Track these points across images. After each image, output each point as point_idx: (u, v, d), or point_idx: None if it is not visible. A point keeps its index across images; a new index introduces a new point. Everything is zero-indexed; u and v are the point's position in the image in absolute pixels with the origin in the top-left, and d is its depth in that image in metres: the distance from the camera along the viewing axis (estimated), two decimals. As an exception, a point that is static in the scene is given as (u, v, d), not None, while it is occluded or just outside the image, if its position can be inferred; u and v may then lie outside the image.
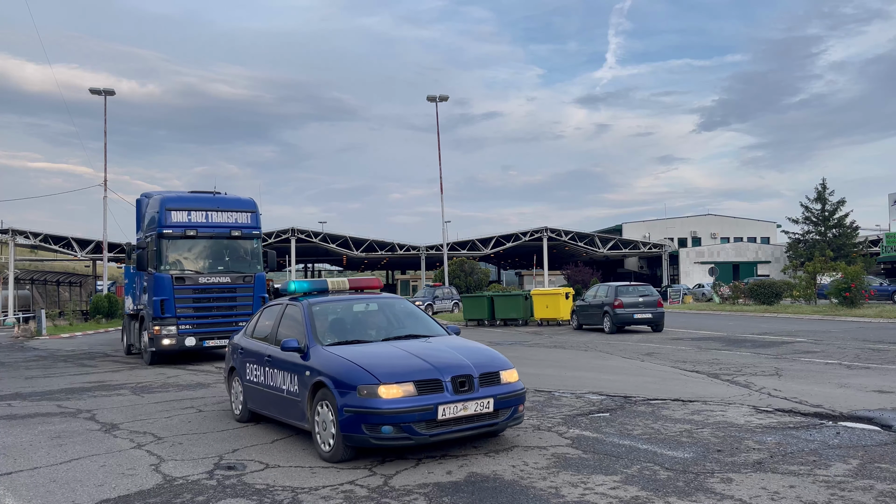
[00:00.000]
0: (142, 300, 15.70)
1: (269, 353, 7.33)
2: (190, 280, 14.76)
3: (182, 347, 14.65)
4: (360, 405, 5.75)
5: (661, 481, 5.24)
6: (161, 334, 14.46)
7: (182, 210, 14.94)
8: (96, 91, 36.76)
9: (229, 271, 15.24)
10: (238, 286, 15.27)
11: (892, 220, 59.45)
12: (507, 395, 6.22)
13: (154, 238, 14.80)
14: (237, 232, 15.42)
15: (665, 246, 61.27)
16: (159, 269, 14.63)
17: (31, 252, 57.06)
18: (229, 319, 15.01)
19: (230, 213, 15.46)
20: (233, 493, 5.23)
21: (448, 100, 40.08)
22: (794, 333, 19.39)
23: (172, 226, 14.79)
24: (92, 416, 8.73)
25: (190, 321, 14.72)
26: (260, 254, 15.89)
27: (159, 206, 14.86)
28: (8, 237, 42.60)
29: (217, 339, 14.87)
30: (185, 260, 14.99)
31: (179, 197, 15.42)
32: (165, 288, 14.51)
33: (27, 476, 5.89)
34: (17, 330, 28.36)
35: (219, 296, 15.10)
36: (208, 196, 15.80)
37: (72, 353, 18.70)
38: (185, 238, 14.92)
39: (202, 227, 15.05)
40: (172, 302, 14.53)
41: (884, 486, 5.01)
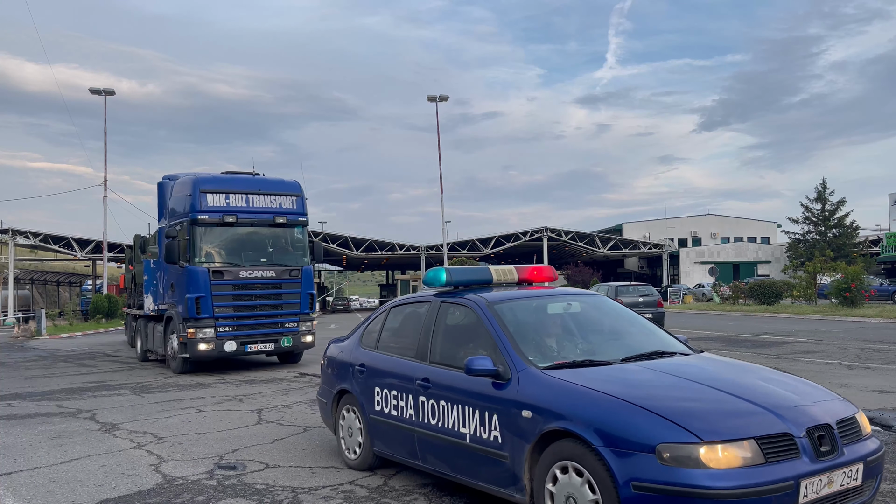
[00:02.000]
0: (167, 298, 13.64)
1: (423, 374, 4.98)
2: (229, 274, 12.66)
3: (221, 353, 12.69)
4: (665, 480, 3.39)
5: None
6: (196, 338, 12.44)
7: (219, 192, 12.76)
8: (96, 91, 36.79)
9: (273, 264, 13.16)
10: (284, 281, 13.20)
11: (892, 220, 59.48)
12: (875, 457, 3.91)
13: (186, 226, 12.68)
14: (282, 218, 13.25)
15: (665, 246, 61.27)
16: (193, 262, 12.55)
17: (30, 252, 57.06)
18: (274, 320, 13.16)
19: (274, 196, 13.30)
20: (233, 493, 5.23)
21: (448, 100, 40.13)
22: (795, 333, 19.40)
23: (208, 211, 12.63)
24: (92, 416, 8.73)
25: (229, 322, 12.69)
26: (307, 244, 13.77)
27: (192, 188, 12.68)
28: (8, 237, 42.60)
29: (261, 344, 12.98)
30: (223, 251, 12.92)
31: (215, 178, 13.19)
32: (201, 283, 12.44)
33: (27, 476, 5.89)
34: (16, 330, 28.36)
35: (262, 292, 13.00)
36: (248, 177, 13.66)
37: (72, 353, 18.70)
38: (222, 225, 12.80)
39: (242, 213, 12.90)
40: (209, 300, 12.46)
41: (884, 486, 5.01)
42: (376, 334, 5.89)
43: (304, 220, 13.71)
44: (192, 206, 12.61)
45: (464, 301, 5.08)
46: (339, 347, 6.34)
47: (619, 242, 58.87)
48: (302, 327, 13.40)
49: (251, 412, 8.71)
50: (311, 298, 13.47)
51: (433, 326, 5.20)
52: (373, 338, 5.91)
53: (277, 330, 13.09)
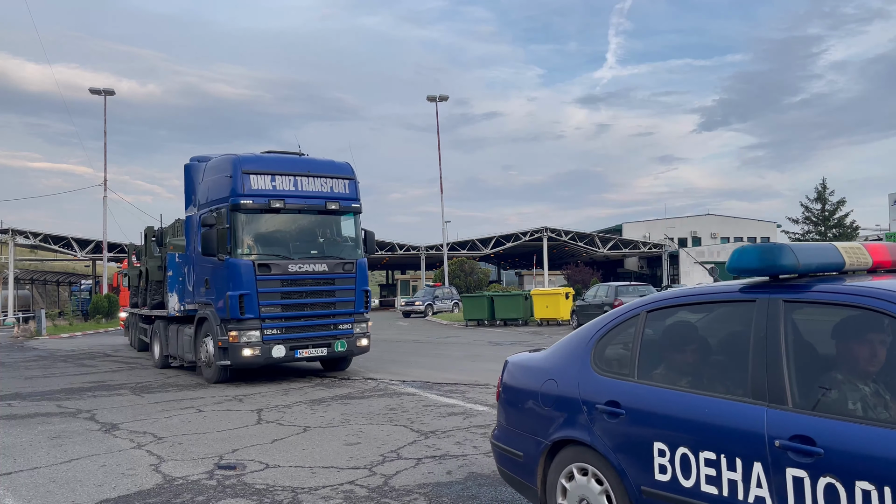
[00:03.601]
0: (199, 297, 11.96)
1: (791, 431, 2.78)
2: (276, 268, 11.06)
3: (268, 360, 11.03)
4: None
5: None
6: (239, 342, 10.79)
7: (265, 174, 11.17)
8: (96, 91, 36.81)
9: (325, 257, 11.60)
10: (337, 276, 11.57)
11: (892, 220, 59.48)
12: None
13: (225, 212, 11.03)
14: (334, 204, 11.68)
15: (665, 246, 61.29)
16: (234, 254, 10.93)
17: (30, 252, 57.03)
18: (326, 321, 11.58)
19: (324, 179, 11.70)
20: (233, 493, 5.23)
21: (448, 100, 40.14)
22: (794, 333, 19.36)
23: (252, 195, 11.01)
24: (92, 416, 8.73)
25: (277, 324, 11.10)
26: (360, 234, 12.22)
27: (232, 168, 11.06)
28: (8, 237, 42.57)
29: (312, 348, 11.39)
30: (268, 241, 11.37)
31: (259, 157, 11.62)
32: (245, 279, 10.79)
33: (27, 476, 5.89)
34: (16, 330, 28.37)
35: (314, 289, 11.38)
36: (294, 157, 12.08)
37: (72, 353, 18.70)
38: (268, 212, 11.22)
39: (290, 198, 11.30)
40: (255, 298, 10.84)
41: (884, 486, 5.00)
42: (628, 353, 3.73)
43: (358, 206, 12.12)
44: (234, 189, 10.98)
45: (865, 301, 2.81)
46: (538, 369, 4.22)
47: (619, 242, 58.85)
48: (357, 329, 11.88)
49: (251, 412, 8.71)
50: (366, 296, 11.93)
51: (782, 344, 3.00)
52: (620, 358, 3.79)
53: (330, 332, 11.56)
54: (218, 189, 11.47)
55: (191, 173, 12.79)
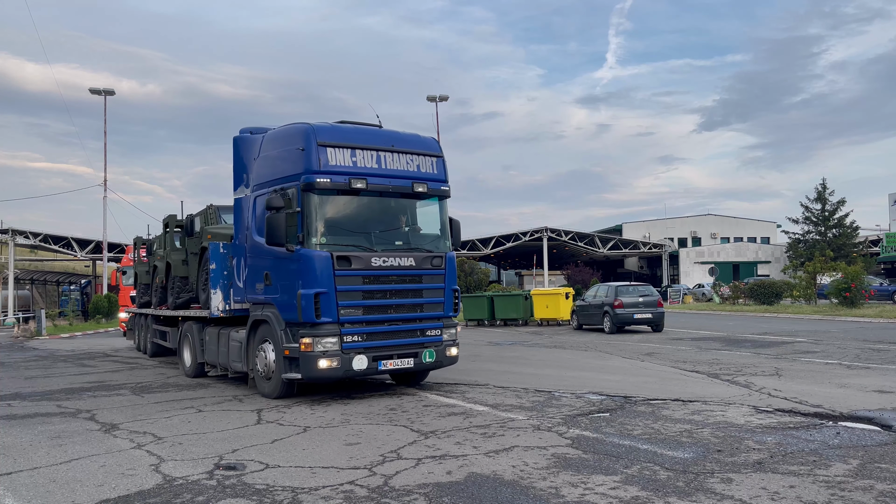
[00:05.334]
0: (253, 295, 10.15)
1: None
2: (358, 262, 9.27)
3: (348, 373, 9.18)
4: None
5: (661, 481, 5.24)
6: (314, 352, 8.96)
7: (344, 147, 9.42)
8: (96, 91, 36.83)
9: (411, 249, 9.90)
10: (425, 272, 9.86)
11: (892, 220, 59.50)
12: None
13: (295, 193, 9.27)
14: (422, 186, 9.94)
15: (665, 246, 61.28)
16: (308, 244, 9.18)
17: (30, 252, 57.07)
18: (413, 326, 9.80)
19: (411, 155, 10.00)
20: (233, 493, 5.23)
21: (448, 100, 40.13)
22: (794, 333, 19.40)
23: (331, 172, 9.25)
24: (92, 416, 8.73)
25: (358, 329, 9.30)
26: (448, 222, 10.49)
27: (305, 140, 9.32)
28: (8, 237, 42.61)
29: (397, 359, 9.58)
30: (347, 229, 9.62)
31: (336, 127, 9.72)
32: (322, 274, 9.03)
33: (27, 476, 5.89)
34: (16, 330, 28.39)
35: (399, 287, 9.64)
36: (375, 129, 10.23)
37: (72, 353, 18.70)
38: (348, 193, 9.45)
39: (373, 177, 9.54)
40: (334, 297, 9.05)
41: (884, 486, 5.02)
42: None
43: (447, 188, 10.37)
44: (307, 164, 9.22)
45: None
46: None
47: (619, 242, 58.87)
48: (445, 336, 10.13)
49: (251, 412, 8.71)
50: (455, 297, 10.27)
51: None
52: None
53: (417, 339, 9.82)
54: (285, 165, 9.67)
55: (242, 148, 10.83)
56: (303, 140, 9.34)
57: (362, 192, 9.48)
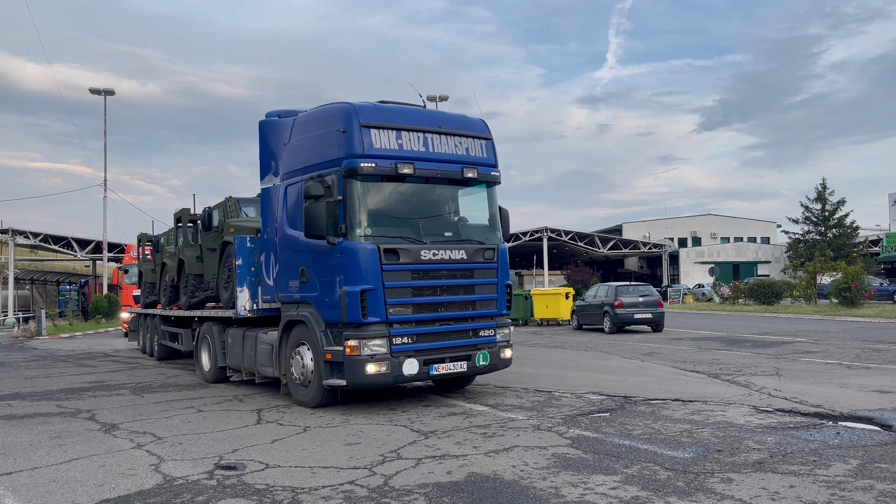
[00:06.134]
0: (286, 293, 9.35)
1: None
2: (406, 255, 8.44)
3: (397, 379, 8.38)
4: None
5: (661, 481, 5.24)
6: (361, 355, 8.14)
7: (389, 129, 8.62)
8: (96, 91, 36.82)
9: (462, 241, 9.07)
10: (477, 266, 9.02)
11: (892, 220, 59.52)
12: None
13: (336, 179, 8.44)
14: (471, 171, 9.13)
15: (665, 246, 61.29)
16: (352, 236, 8.35)
17: (30, 252, 57.06)
18: (465, 326, 8.94)
19: (459, 138, 9.22)
20: (233, 493, 5.23)
21: (448, 99, 40.11)
22: (794, 333, 19.40)
23: (376, 155, 8.43)
24: (92, 416, 8.74)
25: (408, 330, 8.46)
26: (498, 212, 9.64)
27: (345, 121, 8.50)
28: (8, 237, 42.60)
29: (450, 363, 8.71)
30: (392, 219, 8.77)
31: (379, 107, 8.90)
32: (368, 269, 8.22)
33: (27, 476, 5.89)
34: (16, 330, 28.38)
35: (450, 283, 8.78)
36: (420, 109, 9.48)
37: (72, 354, 18.70)
38: (393, 179, 8.68)
39: (421, 161, 8.74)
40: (381, 295, 8.25)
41: (884, 486, 5.02)
42: None
43: (498, 174, 9.55)
44: (349, 147, 8.40)
45: None
46: None
47: (619, 242, 58.86)
48: (499, 336, 9.29)
49: (251, 412, 8.71)
50: (508, 293, 9.46)
51: None
52: None
53: (470, 341, 8.95)
54: (322, 149, 8.84)
55: (270, 133, 9.99)
56: (343, 121, 8.52)
57: (408, 177, 8.68)
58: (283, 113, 10.04)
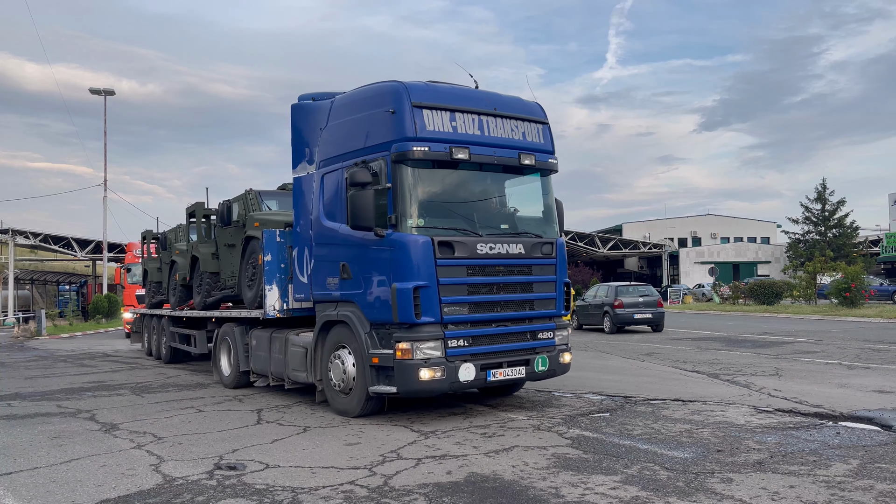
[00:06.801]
0: (323, 290, 8.60)
1: None
2: (462, 249, 7.69)
3: (453, 385, 7.55)
4: None
5: (661, 481, 5.24)
6: (413, 360, 7.36)
7: (443, 110, 7.88)
8: (96, 91, 36.83)
9: (519, 234, 8.37)
10: (535, 262, 8.27)
11: (892, 220, 59.53)
12: None
13: (385, 164, 7.70)
14: (529, 158, 8.38)
15: (665, 246, 61.28)
16: (403, 227, 7.56)
17: (30, 252, 57.06)
18: (523, 327, 8.17)
19: (516, 121, 8.46)
20: (233, 493, 5.23)
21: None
22: (794, 333, 19.40)
23: (430, 139, 7.68)
24: (92, 416, 8.74)
25: (464, 331, 7.68)
26: (554, 203, 8.92)
27: (395, 100, 7.75)
28: (8, 237, 42.59)
29: (507, 367, 7.95)
30: (446, 209, 8.04)
31: (432, 87, 8.15)
32: (422, 264, 7.45)
33: (27, 476, 5.89)
34: (16, 330, 28.39)
35: (507, 280, 8.05)
36: (474, 90, 8.57)
37: (72, 354, 18.70)
38: (446, 165, 7.91)
39: (477, 146, 7.98)
40: (436, 293, 7.48)
41: (884, 486, 5.02)
42: None
43: (555, 161, 8.85)
44: (400, 130, 7.65)
45: None
46: None
47: (619, 242, 58.85)
48: (558, 338, 8.55)
49: (251, 412, 8.71)
50: (567, 291, 8.69)
51: None
52: None
53: (529, 343, 8.21)
54: (367, 132, 8.12)
55: (303, 117, 9.28)
56: (393, 100, 7.76)
57: (462, 164, 7.94)
58: (318, 96, 9.30)
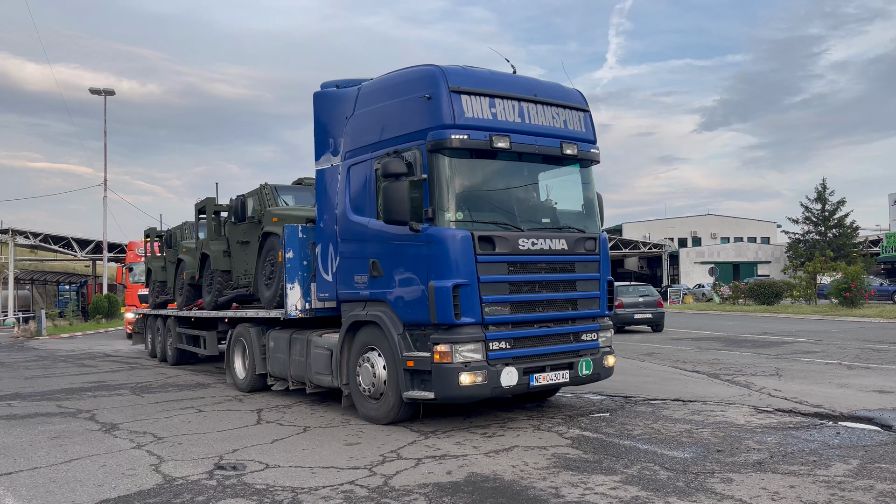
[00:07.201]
0: (351, 288, 8.13)
1: None
2: (503, 245, 7.20)
3: (495, 391, 7.08)
4: None
5: (661, 481, 5.24)
6: (453, 363, 6.87)
7: (482, 95, 7.41)
8: (96, 91, 36.83)
9: (561, 228, 7.89)
10: (578, 258, 7.78)
11: (892, 220, 59.54)
12: None
13: (420, 154, 7.21)
14: (571, 147, 7.90)
15: (665, 246, 61.28)
16: (441, 221, 7.09)
17: (30, 252, 57.04)
18: (566, 329, 7.70)
19: (557, 108, 7.97)
20: (233, 493, 5.23)
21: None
22: (794, 333, 19.40)
23: (469, 126, 7.21)
24: (92, 416, 8.73)
25: (505, 333, 7.20)
26: (595, 196, 8.46)
27: (431, 84, 7.29)
28: (8, 237, 42.58)
29: (551, 371, 7.45)
30: (485, 202, 7.60)
31: (470, 71, 7.63)
32: (461, 260, 6.97)
33: (27, 476, 5.89)
34: (17, 330, 28.39)
35: (550, 278, 7.56)
36: (512, 75, 8.10)
37: (72, 354, 18.70)
38: (487, 155, 7.44)
39: (518, 135, 7.51)
40: (477, 291, 7.01)
41: (884, 486, 5.02)
42: None
43: (598, 152, 8.36)
44: (437, 116, 7.18)
45: None
46: None
47: (619, 242, 58.84)
48: (601, 340, 8.08)
49: (251, 412, 8.71)
50: (610, 290, 8.20)
51: None
52: None
53: (572, 346, 7.74)
54: (400, 119, 7.65)
55: (327, 106, 8.80)
56: (429, 85, 7.27)
57: (501, 153, 7.45)
58: (343, 83, 8.88)
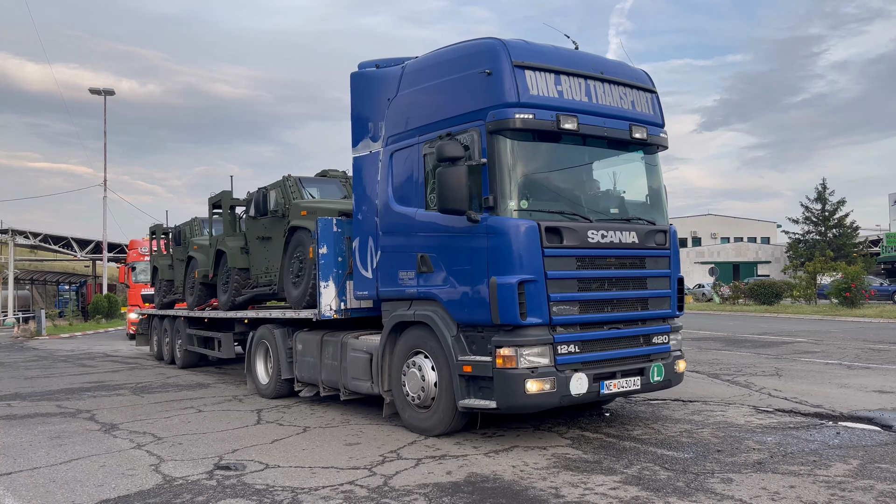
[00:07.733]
0: (395, 286, 7.41)
1: None
2: (571, 237, 6.46)
3: (563, 399, 6.33)
4: None
5: (661, 481, 5.24)
6: (518, 369, 6.14)
7: (548, 71, 6.64)
8: (96, 91, 36.82)
9: (630, 220, 7.15)
10: (648, 253, 7.05)
11: (892, 220, 59.54)
12: None
13: (478, 136, 6.44)
14: (641, 131, 7.18)
15: (665, 246, 61.25)
16: (503, 210, 6.33)
17: (30, 252, 57.02)
18: (636, 331, 6.97)
19: (624, 88, 7.27)
20: (233, 493, 5.23)
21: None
22: (795, 333, 19.40)
23: (534, 105, 6.44)
24: (92, 416, 8.73)
25: (574, 335, 6.46)
26: (663, 185, 7.66)
27: (492, 59, 6.49)
28: (8, 237, 42.57)
29: (622, 378, 6.75)
30: (550, 190, 6.87)
31: (532, 45, 6.78)
32: (526, 254, 6.22)
33: (27, 476, 5.89)
34: (16, 330, 28.40)
35: (620, 275, 6.84)
36: (578, 53, 7.33)
37: (71, 354, 18.70)
38: (551, 138, 6.69)
39: (585, 115, 6.73)
40: (544, 288, 6.26)
41: (884, 486, 5.02)
42: None
43: (666, 136, 7.66)
44: (498, 94, 6.40)
45: None
46: None
47: (619, 242, 58.86)
48: (672, 343, 7.34)
49: (251, 412, 8.71)
50: (680, 289, 7.44)
51: None
52: None
53: (643, 350, 7.00)
54: (453, 98, 6.86)
55: (366, 88, 8.11)
56: (490, 59, 6.49)
57: (567, 135, 6.66)
58: (383, 62, 8.17)
